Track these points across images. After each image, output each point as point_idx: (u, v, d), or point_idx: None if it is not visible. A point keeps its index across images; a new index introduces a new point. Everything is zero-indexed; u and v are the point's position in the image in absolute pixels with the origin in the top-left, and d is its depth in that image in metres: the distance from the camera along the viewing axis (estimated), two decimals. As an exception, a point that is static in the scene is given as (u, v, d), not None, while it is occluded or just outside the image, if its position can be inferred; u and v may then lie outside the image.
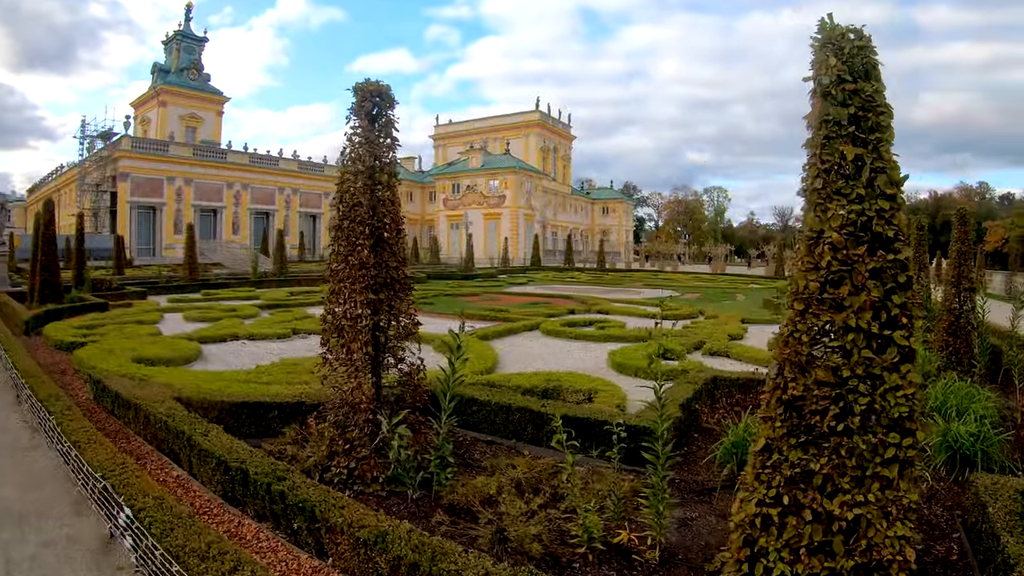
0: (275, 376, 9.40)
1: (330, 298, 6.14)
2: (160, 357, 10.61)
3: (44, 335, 13.16)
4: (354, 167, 5.98)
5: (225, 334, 13.49)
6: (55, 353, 11.84)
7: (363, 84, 6.08)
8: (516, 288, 32.04)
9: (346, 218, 5.95)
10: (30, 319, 14.48)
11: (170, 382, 8.37)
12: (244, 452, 5.25)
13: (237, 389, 8.16)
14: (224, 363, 11.21)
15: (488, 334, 14.98)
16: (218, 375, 9.26)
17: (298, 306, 20.48)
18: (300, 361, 10.61)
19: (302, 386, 8.65)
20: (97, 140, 50.35)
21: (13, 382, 9.02)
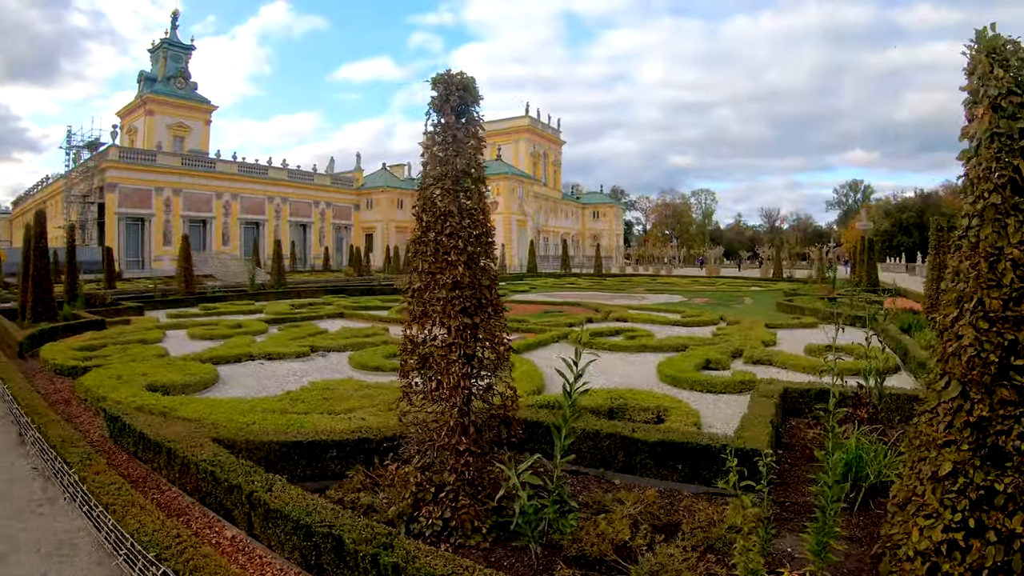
0: (310, 403, 8.37)
1: (412, 323, 5.16)
2: (175, 383, 9.53)
3: (41, 358, 12.01)
4: (438, 171, 5.04)
5: (239, 353, 12.40)
6: (55, 379, 10.71)
7: (446, 75, 5.12)
8: (521, 296, 31.09)
9: (431, 229, 4.98)
10: (24, 340, 13.30)
11: (198, 416, 7.34)
12: (327, 511, 4.25)
13: (272, 422, 7.16)
14: (245, 388, 10.14)
15: (519, 347, 14.04)
16: (247, 404, 8.20)
17: (305, 320, 19.39)
18: (332, 385, 9.59)
19: (345, 417, 7.66)
20: (83, 150, 48.82)
21: (14, 417, 7.92)
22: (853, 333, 17.49)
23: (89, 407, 8.81)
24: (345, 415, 7.76)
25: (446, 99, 5.07)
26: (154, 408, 7.76)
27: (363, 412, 7.96)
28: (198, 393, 9.63)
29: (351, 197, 75.12)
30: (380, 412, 7.94)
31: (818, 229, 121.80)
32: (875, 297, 28.64)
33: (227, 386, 10.23)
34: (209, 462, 5.15)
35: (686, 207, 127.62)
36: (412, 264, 5.18)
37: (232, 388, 10.10)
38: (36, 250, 17.19)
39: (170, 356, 12.12)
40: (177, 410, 7.68)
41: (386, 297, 28.20)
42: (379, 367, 11.42)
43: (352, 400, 8.58)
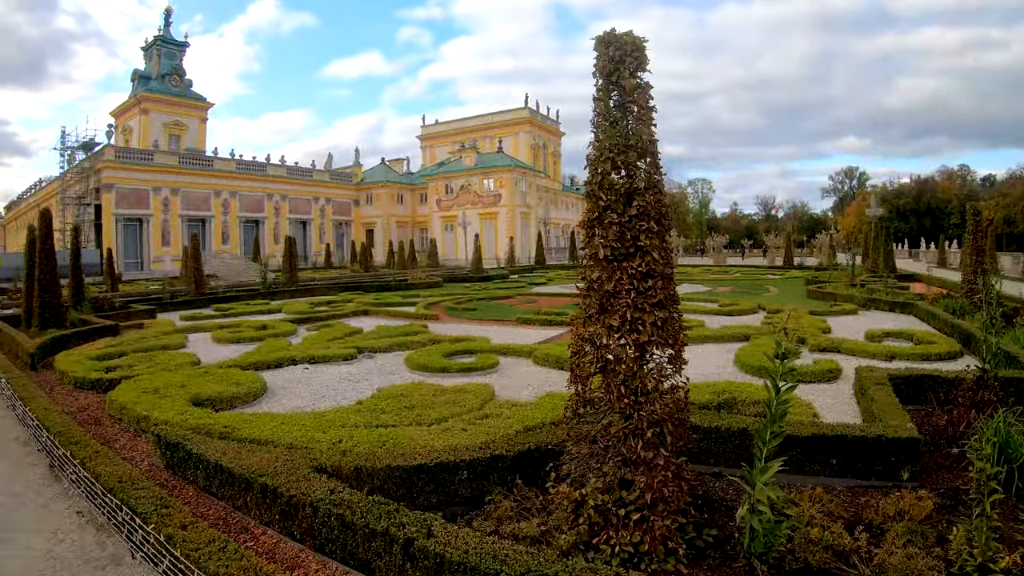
0: (393, 414, 7.22)
1: (588, 321, 4.07)
2: (222, 396, 8.25)
3: (57, 370, 10.68)
4: (616, 143, 4.17)
5: (279, 358, 11.10)
6: (78, 395, 9.40)
7: (613, 35, 4.28)
8: (543, 288, 29.85)
9: (611, 209, 4.07)
10: (36, 351, 11.95)
11: (271, 436, 6.12)
12: (524, 556, 3.12)
13: (363, 439, 6.01)
14: (299, 398, 8.88)
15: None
16: (323, 419, 6.96)
17: (330, 318, 18.09)
18: (405, 391, 8.38)
19: (440, 429, 6.51)
20: (78, 151, 46.90)
21: (40, 444, 6.62)
22: (896, 319, 16.71)
23: (125, 427, 7.53)
24: (439, 427, 6.66)
25: (620, 61, 4.21)
26: (212, 428, 6.49)
27: (456, 422, 6.88)
28: (248, 406, 8.37)
29: (350, 193, 73.51)
30: (475, 422, 6.91)
31: (814, 216, 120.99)
32: (899, 283, 27.78)
33: (278, 396, 8.96)
34: (331, 502, 3.95)
35: (683, 196, 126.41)
36: (589, 251, 4.23)
37: (285, 398, 8.84)
38: (42, 252, 15.79)
39: (205, 364, 10.81)
40: (240, 429, 6.45)
41: (404, 293, 26.89)
42: (444, 368, 10.29)
43: (437, 408, 7.46)
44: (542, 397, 7.96)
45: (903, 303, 18.55)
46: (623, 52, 4.18)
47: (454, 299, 22.86)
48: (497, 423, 6.75)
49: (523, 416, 6.95)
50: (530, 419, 6.78)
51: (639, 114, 4.29)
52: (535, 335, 14.73)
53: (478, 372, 10.25)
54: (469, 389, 8.42)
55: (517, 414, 7.09)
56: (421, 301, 22.03)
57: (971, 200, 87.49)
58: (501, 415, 7.14)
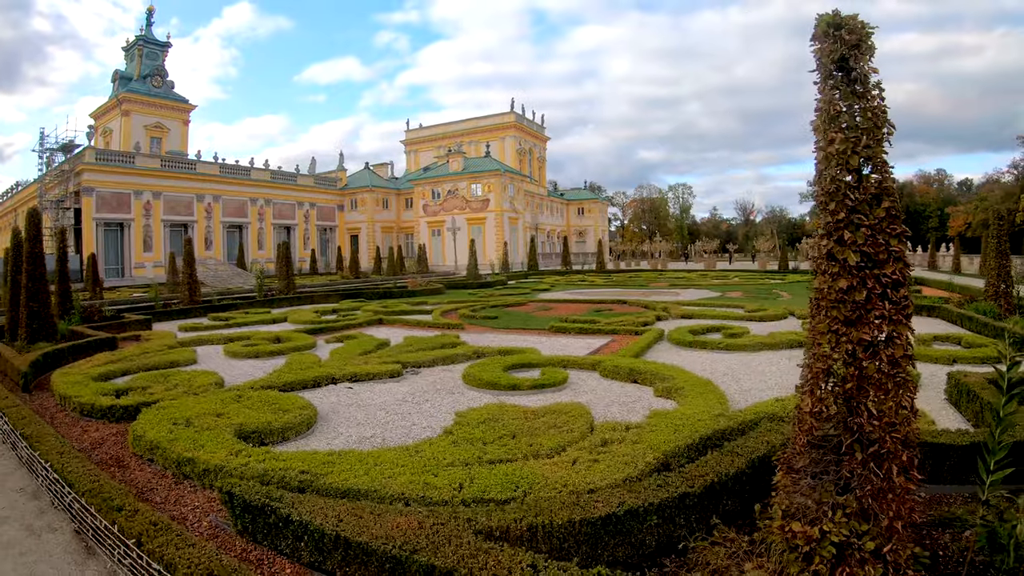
0: (498, 446, 5.93)
1: (825, 336, 3.68)
2: (271, 427, 6.79)
3: (57, 393, 9.09)
4: (858, 138, 3.71)
5: (316, 376, 9.61)
6: (86, 425, 7.85)
7: (839, 18, 3.85)
8: (548, 295, 28.59)
9: (856, 212, 3.66)
10: (28, 369, 10.32)
11: (369, 485, 4.77)
12: None
13: (491, 482, 4.72)
14: (359, 424, 7.46)
15: (634, 351, 11.73)
16: (422, 457, 5.55)
17: (346, 328, 16.59)
18: (493, 414, 7.06)
19: (565, 461, 5.32)
20: (57, 153, 44.40)
21: (55, 496, 5.11)
22: (927, 322, 15.96)
23: (159, 471, 6.03)
24: (561, 459, 5.46)
25: (856, 47, 3.80)
26: (285, 475, 5.06)
27: (578, 452, 5.66)
28: (301, 437, 6.97)
29: (334, 198, 71.58)
30: (598, 450, 5.71)
31: (792, 221, 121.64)
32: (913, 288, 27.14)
33: (333, 423, 7.52)
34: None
35: (663, 201, 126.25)
36: (818, 257, 3.80)
37: (342, 426, 7.42)
38: (30, 256, 14.07)
39: (232, 385, 9.26)
40: (323, 475, 5.06)
41: (409, 300, 25.38)
42: (514, 385, 8.99)
43: (543, 436, 6.19)
44: (651, 417, 6.74)
45: (928, 307, 17.87)
46: (858, 36, 3.76)
47: (468, 307, 21.43)
48: (628, 451, 5.54)
49: (651, 441, 5.76)
50: (661, 444, 5.66)
51: (878, 108, 3.82)
52: (577, 344, 13.46)
53: (550, 389, 8.97)
54: (562, 410, 7.11)
55: (643, 439, 5.88)
56: (436, 308, 20.58)
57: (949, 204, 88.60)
58: (624, 440, 5.91)
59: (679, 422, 6.33)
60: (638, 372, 9.46)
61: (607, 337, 14.48)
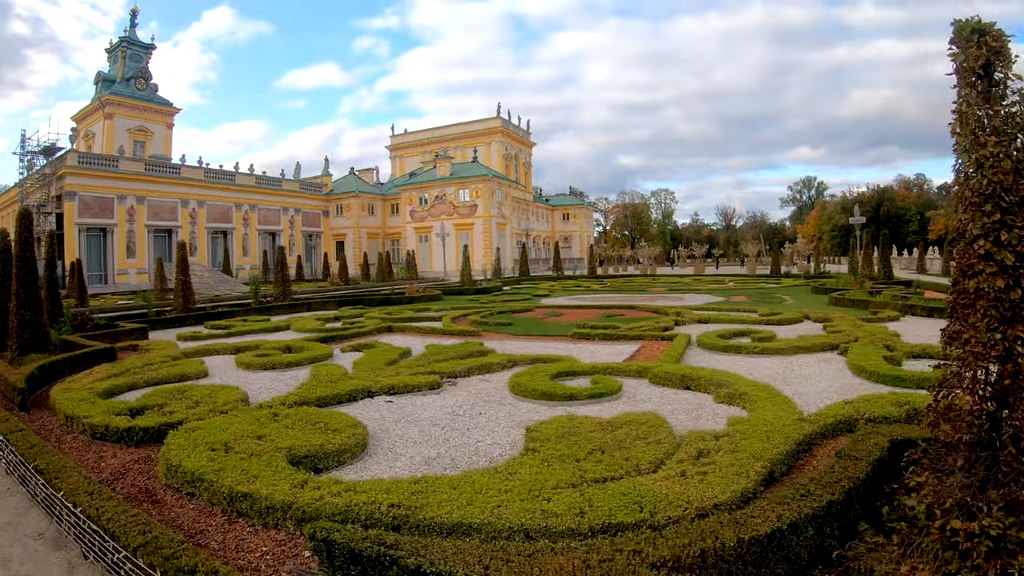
0: (594, 463, 5.37)
1: (981, 335, 3.75)
2: (325, 449, 5.93)
3: (59, 411, 8.12)
4: (990, 139, 3.76)
5: (352, 390, 8.70)
6: (100, 449, 6.89)
7: (979, 24, 3.87)
8: (550, 300, 27.85)
9: (1012, 213, 3.72)
10: (25, 385, 9.26)
11: (484, 518, 4.01)
12: None
13: (608, 503, 4.28)
14: (416, 443, 6.67)
15: (670, 357, 11.12)
16: (510, 478, 4.82)
17: (356, 336, 15.67)
18: (567, 428, 6.39)
19: (674, 474, 4.96)
20: (39, 157, 42.60)
21: (90, 549, 4.16)
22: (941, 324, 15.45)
23: (204, 507, 5.10)
24: (666, 473, 5.07)
25: (998, 53, 3.83)
26: (374, 512, 4.26)
27: (682, 466, 5.21)
28: (356, 460, 6.19)
29: (320, 203, 70.21)
30: (701, 462, 5.34)
31: (773, 226, 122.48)
32: (910, 290, 26.87)
33: (386, 443, 6.71)
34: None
35: (645, 207, 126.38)
36: (991, 255, 3.79)
37: (399, 446, 6.63)
38: (21, 261, 12.94)
39: (259, 401, 8.31)
40: (423, 509, 4.29)
41: (412, 307, 24.43)
42: (571, 395, 8.30)
43: (636, 448, 5.70)
44: (733, 425, 6.34)
45: (941, 308, 17.52)
46: (1000, 43, 3.81)
47: (475, 313, 20.57)
48: (731, 460, 5.19)
49: (750, 450, 5.43)
50: (762, 452, 5.36)
51: (1019, 113, 3.85)
52: (607, 351, 12.75)
53: (607, 398, 8.33)
54: (637, 420, 6.56)
55: (739, 447, 5.52)
56: (444, 315, 19.67)
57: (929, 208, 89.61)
58: (720, 450, 5.51)
59: (766, 428, 6.00)
60: (690, 378, 8.96)
61: (634, 343, 13.77)
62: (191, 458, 5.55)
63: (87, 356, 12.16)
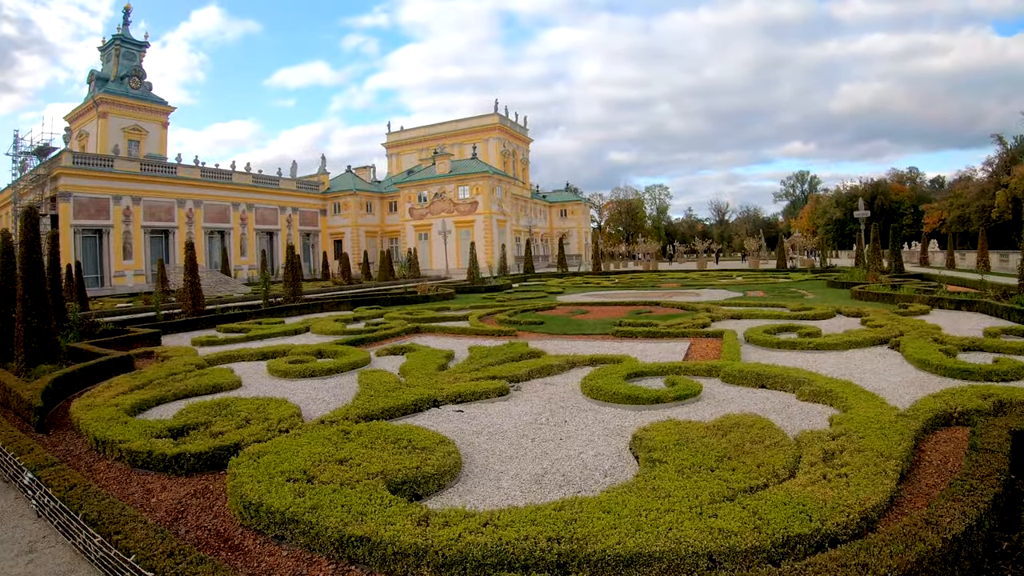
0: (743, 473, 4.82)
1: None
2: (424, 473, 5.06)
3: (86, 433, 7.04)
4: None
5: (417, 399, 7.71)
6: (141, 479, 5.85)
7: None
8: (567, 297, 26.90)
9: None
10: (42, 402, 8.16)
11: (669, 547, 3.02)
12: None
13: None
14: (512, 459, 5.84)
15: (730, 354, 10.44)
16: (665, 498, 4.11)
17: (385, 338, 14.66)
18: (679, 432, 5.76)
19: (811, 478, 4.50)
20: (32, 157, 41.06)
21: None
22: (973, 317, 15.09)
23: (307, 555, 4.08)
24: (810, 477, 4.70)
25: None
26: (536, 549, 3.48)
27: (808, 467, 4.98)
28: (456, 482, 5.31)
29: (317, 202, 68.94)
30: (821, 463, 5.02)
31: (766, 220, 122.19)
32: (931, 284, 26.20)
33: (477, 461, 5.84)
34: None
35: (640, 202, 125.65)
36: None
37: (494, 463, 5.79)
38: (26, 263, 11.79)
39: (318, 415, 7.24)
40: (592, 540, 3.68)
41: (431, 305, 23.39)
42: (658, 398, 7.59)
43: (760, 453, 5.35)
44: (840, 423, 6.00)
45: (968, 301, 17.11)
46: None
47: (499, 311, 19.56)
48: (862, 461, 4.91)
49: (876, 448, 5.17)
50: (889, 450, 5.12)
51: None
52: (658, 349, 11.97)
53: (691, 400, 7.71)
54: (741, 423, 6.12)
55: (863, 446, 5.24)
56: (470, 314, 18.64)
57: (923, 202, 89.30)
58: (845, 450, 5.22)
59: (876, 426, 5.72)
60: (765, 376, 8.35)
61: (679, 340, 13.02)
62: (273, 493, 4.52)
63: (103, 366, 11.08)
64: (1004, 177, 69.34)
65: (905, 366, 9.40)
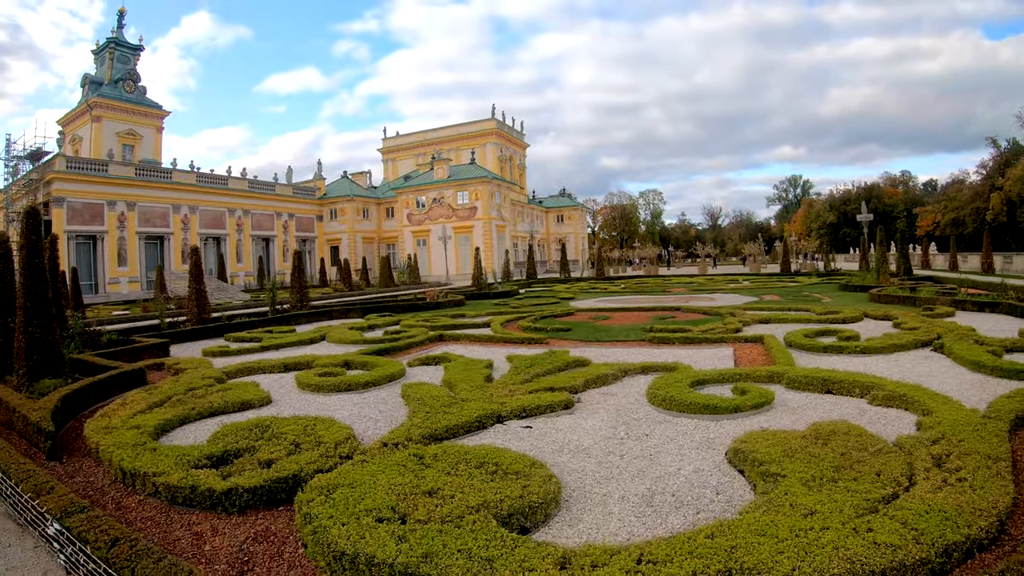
0: (867, 486, 4.45)
1: None
2: (531, 503, 4.34)
3: (108, 462, 6.08)
4: None
5: (481, 415, 6.85)
6: (184, 519, 4.91)
7: None
8: (581, 303, 26.16)
9: None
10: (52, 428, 7.16)
11: None
12: None
13: None
14: (606, 479, 5.02)
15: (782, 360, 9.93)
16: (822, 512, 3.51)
17: (410, 348, 13.78)
18: (784, 444, 5.02)
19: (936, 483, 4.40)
20: (25, 162, 39.76)
21: None
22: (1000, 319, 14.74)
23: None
24: (935, 482, 4.42)
25: None
26: None
27: (928, 476, 4.64)
28: (560, 511, 4.53)
29: (313, 208, 67.78)
30: (938, 469, 4.71)
31: (759, 224, 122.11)
32: (948, 287, 25.66)
33: (569, 484, 5.06)
34: None
35: (633, 207, 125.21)
36: None
37: (590, 484, 4.99)
38: (27, 268, 10.77)
39: (380, 438, 6.27)
40: (762, 570, 2.96)
41: (446, 312, 22.49)
42: (736, 407, 7.07)
43: (872, 461, 4.93)
44: (927, 427, 5.83)
45: (990, 303, 16.86)
46: None
47: (517, 318, 18.71)
48: (977, 463, 4.78)
49: (980, 450, 5.04)
50: (994, 452, 4.97)
51: None
52: (703, 355, 11.35)
53: (767, 408, 7.26)
54: (837, 430, 5.70)
55: (969, 448, 5.12)
56: (497, 320, 17.74)
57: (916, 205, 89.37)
58: (950, 453, 5.05)
59: (969, 428, 5.54)
60: (831, 382, 7.99)
61: (719, 346, 12.45)
62: (368, 539, 3.62)
63: (113, 380, 10.11)
64: (998, 180, 69.27)
65: (956, 368, 9.13)
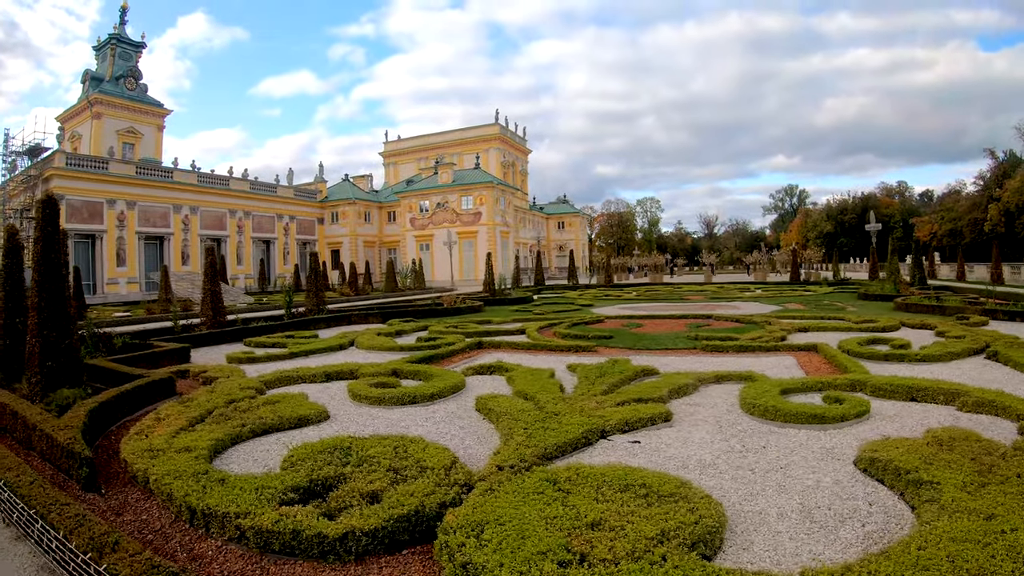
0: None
1: None
2: (707, 529, 3.72)
3: (173, 498, 4.94)
4: None
5: (586, 431, 6.01)
6: (281, 571, 3.81)
7: None
8: (603, 310, 25.17)
9: None
10: (89, 454, 5.99)
11: None
12: None
13: None
14: (748, 497, 4.62)
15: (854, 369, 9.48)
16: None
17: (452, 355, 12.71)
18: (919, 453, 4.86)
19: None
20: (23, 158, 38.37)
21: None
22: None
23: None
24: None
25: None
26: None
27: None
28: (735, 536, 3.37)
29: (315, 210, 66.53)
30: None
31: (755, 233, 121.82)
32: (973, 295, 24.99)
33: (729, 510, 4.25)
34: None
35: (631, 215, 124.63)
36: None
37: (736, 501, 4.39)
38: (44, 266, 9.63)
39: (497, 461, 5.20)
40: None
41: (472, 318, 21.37)
42: (842, 416, 6.70)
43: (1007, 465, 4.60)
44: None
45: (1021, 312, 16.70)
46: None
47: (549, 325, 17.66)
48: None
49: None
50: None
51: None
52: (764, 365, 10.66)
53: (866, 416, 6.95)
54: (957, 436, 5.49)
55: None
56: (532, 325, 16.69)
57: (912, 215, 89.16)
58: None
59: None
60: (916, 389, 7.72)
61: (777, 355, 11.90)
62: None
63: (140, 391, 8.94)
64: (996, 191, 69.17)
65: (1019, 375, 8.95)
